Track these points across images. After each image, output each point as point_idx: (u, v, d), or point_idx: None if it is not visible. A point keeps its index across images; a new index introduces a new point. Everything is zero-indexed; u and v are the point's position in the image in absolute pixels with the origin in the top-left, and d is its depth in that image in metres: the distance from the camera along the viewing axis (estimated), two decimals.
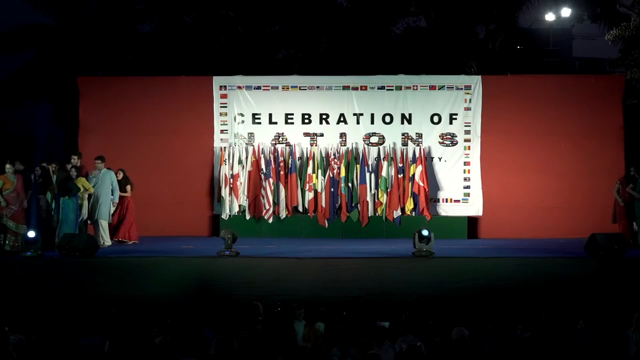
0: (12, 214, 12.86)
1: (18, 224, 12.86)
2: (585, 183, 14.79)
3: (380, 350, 7.51)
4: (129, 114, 15.41)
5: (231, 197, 14.95)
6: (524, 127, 15.02)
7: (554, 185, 14.96)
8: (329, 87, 15.40)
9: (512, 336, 7.77)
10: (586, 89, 15.32)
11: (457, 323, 7.99)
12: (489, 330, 7.78)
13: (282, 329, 8.06)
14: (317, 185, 15.02)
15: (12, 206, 12.84)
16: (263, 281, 11.43)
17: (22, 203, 12.91)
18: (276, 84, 15.49)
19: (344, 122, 15.30)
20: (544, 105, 15.06)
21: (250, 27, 22.16)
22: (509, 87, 15.37)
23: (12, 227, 12.81)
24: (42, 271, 11.69)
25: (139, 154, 14.26)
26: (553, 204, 14.95)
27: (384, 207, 14.88)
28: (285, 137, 15.31)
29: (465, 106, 15.19)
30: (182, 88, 15.56)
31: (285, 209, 15.07)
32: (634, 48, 18.67)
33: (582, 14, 21.92)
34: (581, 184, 14.48)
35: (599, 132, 14.97)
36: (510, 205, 14.97)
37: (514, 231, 14.74)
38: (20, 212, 12.93)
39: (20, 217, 12.90)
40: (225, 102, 15.43)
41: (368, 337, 7.91)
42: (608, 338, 7.89)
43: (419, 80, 15.39)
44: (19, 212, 12.92)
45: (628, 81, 17.32)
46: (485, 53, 21.64)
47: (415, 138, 15.20)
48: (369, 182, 15.00)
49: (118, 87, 15.94)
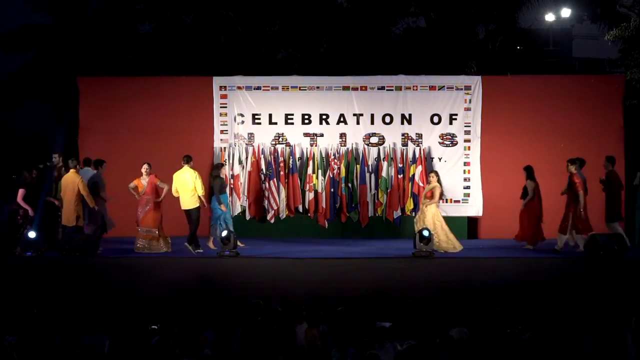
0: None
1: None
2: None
3: (381, 351, 7.51)
4: (129, 114, 15.41)
5: (232, 197, 14.95)
6: (524, 127, 15.02)
7: (554, 185, 14.94)
8: (329, 88, 15.39)
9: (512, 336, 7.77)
10: (586, 89, 15.32)
11: (457, 323, 7.99)
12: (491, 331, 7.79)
13: (282, 329, 8.06)
14: (317, 185, 15.03)
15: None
16: (263, 281, 11.44)
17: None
18: (276, 84, 15.48)
19: (344, 122, 15.30)
20: (544, 106, 15.06)
21: (250, 27, 22.16)
22: (509, 87, 15.37)
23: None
24: (42, 271, 11.70)
25: (138, 154, 14.23)
26: (553, 204, 14.93)
27: (384, 207, 14.88)
28: (285, 138, 15.31)
29: (465, 106, 15.19)
30: (182, 88, 15.56)
31: (286, 209, 15.08)
32: (634, 48, 18.67)
33: (582, 14, 21.93)
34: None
35: (599, 132, 14.96)
36: (510, 206, 14.92)
37: (514, 231, 14.69)
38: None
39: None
40: (225, 102, 15.43)
41: (368, 337, 7.91)
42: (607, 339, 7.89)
43: (419, 81, 15.39)
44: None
45: (628, 81, 17.31)
46: (485, 53, 21.65)
47: (415, 138, 15.21)
48: (369, 183, 15.01)
49: (118, 87, 15.94)
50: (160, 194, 13.10)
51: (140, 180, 13.06)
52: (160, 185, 13.08)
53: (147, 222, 13.02)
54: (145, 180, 13.04)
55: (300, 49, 23.03)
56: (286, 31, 22.40)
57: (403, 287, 11.27)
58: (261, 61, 21.59)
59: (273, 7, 21.88)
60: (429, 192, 13.28)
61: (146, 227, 13.01)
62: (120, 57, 21.75)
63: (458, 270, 11.74)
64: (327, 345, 7.99)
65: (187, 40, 21.66)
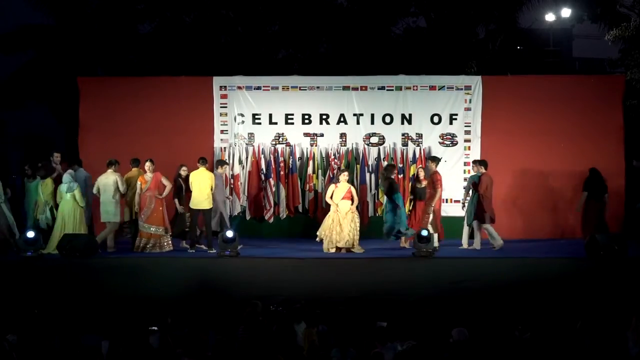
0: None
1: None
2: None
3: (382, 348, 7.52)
4: (129, 114, 15.39)
5: (232, 197, 14.95)
6: (524, 127, 15.00)
7: (554, 185, 14.95)
8: (329, 88, 15.38)
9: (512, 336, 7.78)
10: (586, 89, 15.30)
11: (457, 323, 8.00)
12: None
13: (282, 329, 8.07)
14: (317, 185, 15.03)
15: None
16: (263, 281, 11.45)
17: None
18: (276, 84, 15.47)
19: (344, 122, 15.29)
20: (544, 106, 15.04)
21: (250, 27, 22.16)
22: (509, 87, 15.35)
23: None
24: (42, 271, 11.70)
25: (138, 154, 14.19)
26: (553, 204, 14.95)
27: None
28: (285, 138, 15.30)
29: (466, 106, 15.18)
30: (182, 88, 15.54)
31: (286, 209, 15.09)
32: (634, 48, 18.66)
33: (582, 14, 21.91)
34: (581, 184, 14.42)
35: (599, 132, 14.94)
36: (510, 205, 14.96)
37: (514, 231, 14.73)
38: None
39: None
40: (225, 102, 15.42)
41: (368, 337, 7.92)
42: (608, 338, 7.89)
43: (419, 81, 15.38)
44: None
45: (628, 81, 17.31)
46: (485, 53, 21.65)
47: (416, 138, 15.20)
48: (369, 182, 15.01)
49: (118, 87, 15.91)
50: (162, 192, 13.09)
51: (144, 176, 13.07)
52: (164, 182, 13.09)
53: (153, 221, 13.00)
54: (148, 177, 13.05)
55: (300, 49, 23.02)
56: (286, 31, 22.40)
57: (403, 287, 11.29)
58: (261, 61, 21.59)
59: (273, 7, 21.87)
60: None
61: (153, 225, 13.00)
62: (120, 57, 21.74)
63: (458, 270, 11.74)
64: (327, 345, 7.99)
65: (187, 40, 21.65)
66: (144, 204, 12.99)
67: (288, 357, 7.33)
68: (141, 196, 13.01)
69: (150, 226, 12.99)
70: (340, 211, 13.03)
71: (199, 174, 13.28)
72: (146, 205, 12.99)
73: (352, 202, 13.18)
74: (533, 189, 14.83)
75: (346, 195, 13.14)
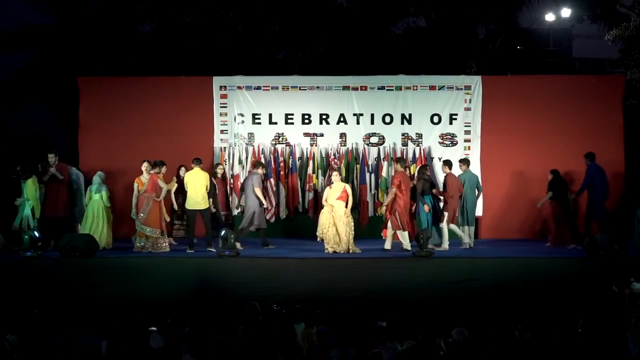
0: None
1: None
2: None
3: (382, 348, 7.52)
4: (129, 114, 15.39)
5: (232, 197, 14.95)
6: (524, 127, 15.01)
7: None
8: (329, 87, 15.38)
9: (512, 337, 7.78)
10: (586, 89, 15.31)
11: (457, 323, 8.00)
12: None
13: (282, 329, 8.07)
14: (317, 185, 15.03)
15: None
16: (263, 281, 11.44)
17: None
18: (276, 84, 15.47)
19: (344, 122, 15.29)
20: (544, 106, 15.05)
21: (250, 27, 22.16)
22: (509, 87, 15.35)
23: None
24: (42, 271, 11.70)
25: (139, 154, 14.21)
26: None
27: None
28: (285, 138, 15.30)
29: (465, 106, 15.19)
30: (182, 88, 15.54)
31: (286, 209, 15.08)
32: (634, 48, 18.67)
33: (582, 14, 21.92)
34: (581, 184, 14.43)
35: (599, 132, 14.95)
36: (510, 206, 14.96)
37: (514, 231, 14.73)
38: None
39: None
40: (225, 102, 15.42)
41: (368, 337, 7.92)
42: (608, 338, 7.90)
43: (419, 81, 15.38)
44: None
45: (628, 81, 17.32)
46: (485, 53, 21.63)
47: (415, 138, 15.20)
48: (369, 182, 15.01)
49: (118, 87, 15.92)
50: (159, 194, 13.11)
51: (141, 178, 13.09)
52: (160, 184, 13.10)
53: (150, 222, 13.02)
54: (145, 178, 13.06)
55: (300, 49, 23.03)
56: (286, 31, 22.40)
57: (403, 287, 11.28)
58: (261, 61, 21.58)
59: (273, 7, 21.87)
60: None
61: (150, 227, 13.01)
62: (120, 57, 21.74)
63: (458, 270, 11.73)
64: (327, 345, 7.99)
65: (187, 40, 21.66)
66: (141, 205, 13.01)
67: (287, 357, 7.33)
68: (139, 197, 13.04)
69: (147, 228, 13.00)
70: (335, 213, 12.92)
71: (194, 175, 13.28)
72: (143, 207, 13.00)
73: (347, 202, 13.03)
74: (533, 189, 14.82)
75: (341, 195, 12.98)
